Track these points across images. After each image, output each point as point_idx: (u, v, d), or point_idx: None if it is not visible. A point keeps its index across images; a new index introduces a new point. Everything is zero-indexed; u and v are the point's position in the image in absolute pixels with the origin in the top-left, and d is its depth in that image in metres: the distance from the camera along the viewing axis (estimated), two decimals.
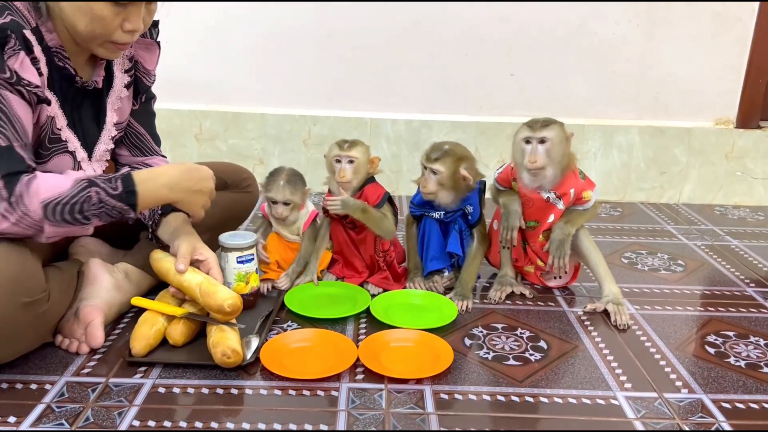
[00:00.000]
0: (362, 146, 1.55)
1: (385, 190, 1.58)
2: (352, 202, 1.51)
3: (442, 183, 1.50)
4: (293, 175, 1.55)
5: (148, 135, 1.49)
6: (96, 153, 1.34)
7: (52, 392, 1.12)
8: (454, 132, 2.43)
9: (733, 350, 1.37)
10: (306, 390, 1.16)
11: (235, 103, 2.45)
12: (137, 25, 1.19)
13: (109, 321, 1.33)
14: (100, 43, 1.19)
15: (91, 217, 1.13)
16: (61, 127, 1.24)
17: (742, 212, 2.41)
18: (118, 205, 1.14)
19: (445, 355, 1.26)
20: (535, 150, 1.46)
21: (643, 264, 1.85)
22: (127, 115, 1.42)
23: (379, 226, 1.53)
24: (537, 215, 1.56)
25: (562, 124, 1.49)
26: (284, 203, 1.54)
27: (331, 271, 1.64)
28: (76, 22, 1.16)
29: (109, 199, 1.13)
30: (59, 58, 1.21)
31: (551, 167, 1.48)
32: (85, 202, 1.11)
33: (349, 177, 1.52)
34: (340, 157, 1.52)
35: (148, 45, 1.42)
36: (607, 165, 2.48)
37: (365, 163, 1.54)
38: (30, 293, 1.10)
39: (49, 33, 1.18)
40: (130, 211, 1.16)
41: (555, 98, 2.44)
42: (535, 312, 1.52)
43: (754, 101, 2.44)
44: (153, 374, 1.19)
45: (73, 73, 1.23)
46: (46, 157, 1.23)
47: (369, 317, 1.44)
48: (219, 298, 1.22)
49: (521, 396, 1.17)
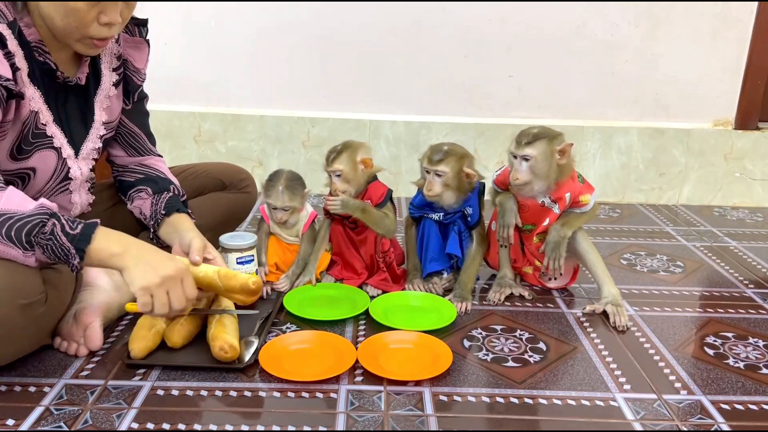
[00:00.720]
0: (346, 154, 1.52)
1: (387, 188, 1.58)
2: (352, 202, 1.51)
3: (447, 184, 1.50)
4: (292, 180, 1.55)
5: (143, 134, 1.48)
6: (83, 151, 1.32)
7: (50, 394, 1.12)
8: (453, 133, 2.43)
9: (732, 351, 1.37)
10: (305, 392, 1.16)
11: (235, 104, 2.45)
12: (114, 17, 1.15)
13: (107, 323, 1.33)
14: (78, 38, 1.17)
15: (35, 246, 1.06)
16: (47, 122, 1.23)
17: (741, 213, 2.41)
18: (67, 245, 1.07)
19: (444, 357, 1.26)
20: (518, 167, 1.47)
21: (642, 265, 1.85)
22: (117, 114, 1.41)
23: (380, 225, 1.54)
24: (533, 218, 1.56)
25: (552, 138, 1.46)
26: (283, 209, 1.54)
27: (330, 273, 1.63)
28: (52, 16, 1.14)
29: (60, 235, 1.06)
30: (39, 53, 1.18)
31: (536, 182, 1.48)
32: (38, 227, 1.06)
33: (342, 188, 1.52)
34: (328, 172, 1.54)
35: (138, 43, 1.40)
36: (606, 166, 2.48)
37: (353, 170, 1.53)
38: (27, 295, 1.09)
39: (27, 28, 1.16)
40: (76, 256, 1.07)
41: (554, 99, 2.44)
42: (534, 313, 1.52)
43: (752, 102, 2.44)
44: (152, 376, 1.19)
45: (53, 68, 1.21)
46: (27, 152, 1.21)
47: (368, 319, 1.44)
48: (242, 278, 1.23)
49: (520, 398, 1.17)
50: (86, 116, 1.33)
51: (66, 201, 1.33)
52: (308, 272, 1.58)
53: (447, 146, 1.52)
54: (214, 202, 1.64)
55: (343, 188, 1.52)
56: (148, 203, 1.42)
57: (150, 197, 1.43)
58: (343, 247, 1.61)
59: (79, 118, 1.32)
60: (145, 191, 1.44)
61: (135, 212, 1.46)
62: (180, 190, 1.46)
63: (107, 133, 1.38)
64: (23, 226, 1.05)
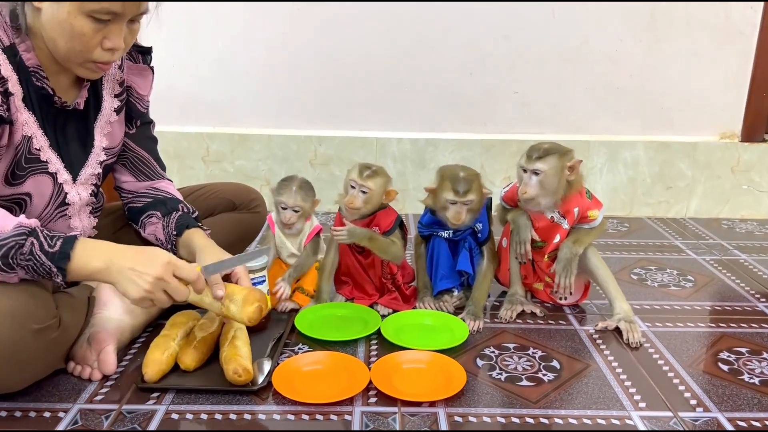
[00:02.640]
0: (382, 178, 1.52)
1: (397, 214, 1.57)
2: (359, 231, 1.50)
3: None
4: (306, 183, 1.57)
5: (152, 159, 1.48)
6: (81, 176, 1.32)
7: (65, 420, 1.12)
8: (459, 150, 2.44)
9: (747, 367, 1.36)
10: (319, 414, 1.15)
11: (242, 124, 2.47)
12: (117, 43, 1.16)
13: (121, 346, 1.33)
14: (80, 62, 1.18)
15: (15, 267, 1.05)
16: (41, 147, 1.22)
17: (750, 225, 2.40)
18: (47, 263, 1.06)
19: (457, 377, 1.25)
20: (528, 181, 1.47)
21: (653, 280, 1.84)
22: (119, 140, 1.40)
23: (387, 252, 1.53)
24: (543, 235, 1.56)
25: (563, 154, 1.47)
26: (294, 209, 1.53)
27: (340, 293, 1.63)
28: (56, 39, 1.14)
29: (40, 255, 1.05)
30: (36, 78, 1.19)
31: (544, 197, 1.49)
32: (15, 249, 1.04)
33: (358, 204, 1.50)
34: (355, 184, 1.51)
35: (142, 70, 1.41)
36: (613, 180, 2.48)
37: (380, 195, 1.52)
38: (40, 320, 1.10)
39: (27, 52, 1.17)
40: (58, 274, 1.07)
41: (559, 114, 2.45)
42: (547, 331, 1.51)
43: (758, 114, 2.45)
44: (166, 400, 1.19)
45: (51, 93, 1.21)
46: (21, 177, 1.21)
47: (380, 338, 1.43)
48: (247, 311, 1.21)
49: (536, 417, 1.16)
50: (86, 141, 1.33)
51: (65, 227, 1.33)
52: (322, 300, 1.58)
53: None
54: (224, 222, 1.64)
55: (360, 206, 1.50)
56: (160, 227, 1.42)
57: (160, 221, 1.43)
58: (352, 270, 1.61)
59: (78, 143, 1.31)
60: (155, 215, 1.44)
61: (151, 239, 1.46)
62: (189, 207, 1.46)
63: (108, 159, 1.38)
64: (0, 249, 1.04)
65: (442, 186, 1.51)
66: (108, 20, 1.13)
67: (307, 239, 1.59)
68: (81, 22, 1.11)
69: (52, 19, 1.12)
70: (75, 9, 1.10)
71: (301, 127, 2.46)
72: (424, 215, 1.60)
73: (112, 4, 1.11)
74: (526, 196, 1.48)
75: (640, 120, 2.46)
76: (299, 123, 2.46)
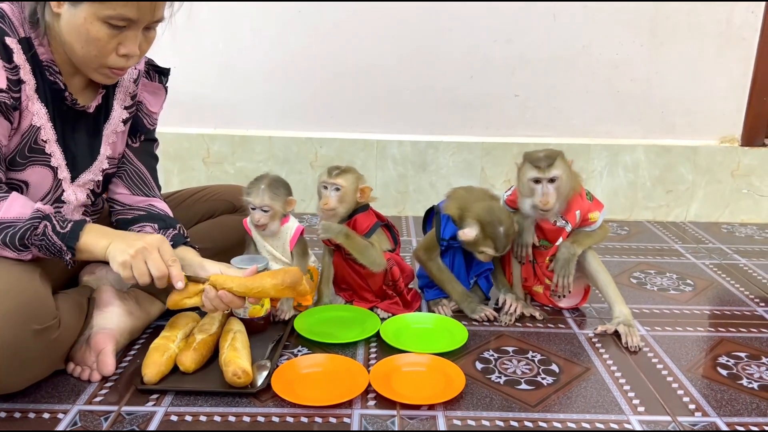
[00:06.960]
0: (352, 175, 1.51)
1: (377, 220, 1.55)
2: (334, 227, 1.48)
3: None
4: (276, 182, 1.49)
5: (150, 177, 1.47)
6: (81, 179, 1.32)
7: (65, 421, 1.12)
8: (460, 153, 2.44)
9: (746, 371, 1.36)
10: (318, 417, 1.16)
11: (243, 126, 2.47)
12: (132, 49, 1.18)
13: (120, 348, 1.34)
14: (95, 67, 1.20)
15: (30, 246, 1.14)
16: (47, 139, 1.24)
17: (750, 230, 2.40)
18: (58, 243, 1.14)
19: (457, 380, 1.25)
20: (547, 191, 1.44)
21: (652, 284, 1.84)
22: (120, 151, 1.41)
23: (364, 255, 1.49)
24: (548, 237, 1.56)
25: (562, 154, 1.48)
26: (262, 209, 1.47)
27: (340, 294, 1.63)
28: (73, 44, 1.17)
29: (52, 235, 1.14)
30: (50, 72, 1.21)
31: (560, 202, 1.48)
32: (31, 230, 1.12)
33: (332, 204, 1.49)
34: (327, 184, 1.49)
35: (156, 89, 1.44)
36: (613, 184, 2.48)
37: (353, 192, 1.51)
38: (40, 320, 1.10)
39: (41, 47, 1.19)
40: (67, 253, 1.15)
41: (560, 118, 2.45)
42: (546, 334, 1.51)
43: (758, 119, 2.45)
44: (165, 402, 1.19)
45: (62, 88, 1.23)
46: (21, 165, 1.22)
47: (379, 341, 1.44)
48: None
49: (535, 421, 1.16)
50: (93, 147, 1.34)
51: None
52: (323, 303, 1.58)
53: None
54: (224, 224, 1.64)
55: (334, 205, 1.49)
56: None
57: (155, 232, 1.40)
58: (349, 280, 1.60)
59: (86, 147, 1.33)
60: (149, 226, 1.41)
61: None
62: (185, 231, 1.44)
63: (109, 168, 1.39)
64: (17, 233, 1.12)
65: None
66: (123, 26, 1.16)
67: (291, 242, 1.53)
68: (97, 28, 1.14)
69: (69, 24, 1.15)
70: (91, 15, 1.13)
71: (302, 128, 2.47)
72: (445, 227, 1.57)
73: (128, 11, 1.13)
74: (550, 206, 1.44)
75: (641, 124, 2.47)
76: (300, 125, 2.47)
